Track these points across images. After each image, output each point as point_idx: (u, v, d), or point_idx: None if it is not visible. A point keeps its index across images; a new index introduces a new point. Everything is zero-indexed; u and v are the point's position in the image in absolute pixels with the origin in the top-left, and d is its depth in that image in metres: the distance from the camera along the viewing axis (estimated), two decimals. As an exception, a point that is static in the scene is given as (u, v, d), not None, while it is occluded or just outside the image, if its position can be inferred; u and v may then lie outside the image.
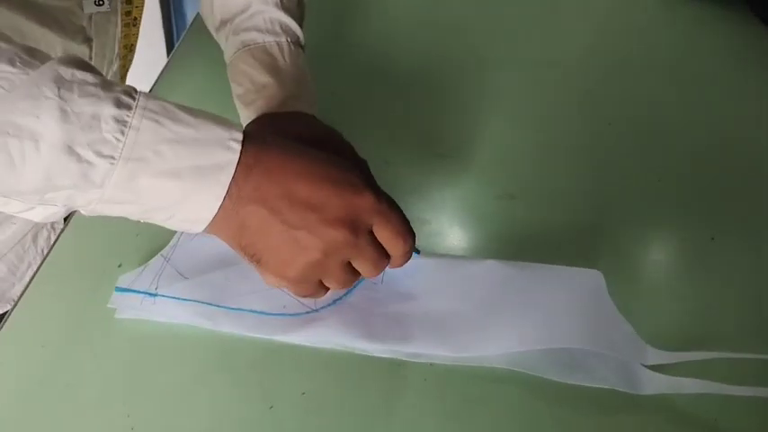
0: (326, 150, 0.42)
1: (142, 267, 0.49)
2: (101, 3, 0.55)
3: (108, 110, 0.34)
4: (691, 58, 0.77)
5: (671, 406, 0.42)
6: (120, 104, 0.35)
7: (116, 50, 0.60)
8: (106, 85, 0.35)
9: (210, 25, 0.60)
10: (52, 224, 0.67)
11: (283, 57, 0.54)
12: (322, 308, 0.47)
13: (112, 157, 0.34)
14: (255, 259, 0.39)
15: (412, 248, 0.41)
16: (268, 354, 0.45)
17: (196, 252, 0.50)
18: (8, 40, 0.35)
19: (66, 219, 0.63)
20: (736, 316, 0.48)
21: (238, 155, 0.36)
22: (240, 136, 0.37)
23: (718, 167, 0.61)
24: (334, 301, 0.47)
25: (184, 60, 0.74)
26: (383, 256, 0.40)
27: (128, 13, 0.60)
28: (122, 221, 0.38)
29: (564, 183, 0.59)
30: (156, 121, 0.35)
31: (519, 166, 0.60)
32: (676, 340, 0.45)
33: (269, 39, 0.54)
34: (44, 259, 0.51)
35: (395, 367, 0.44)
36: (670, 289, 0.50)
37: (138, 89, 0.37)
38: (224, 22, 0.57)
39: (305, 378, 0.43)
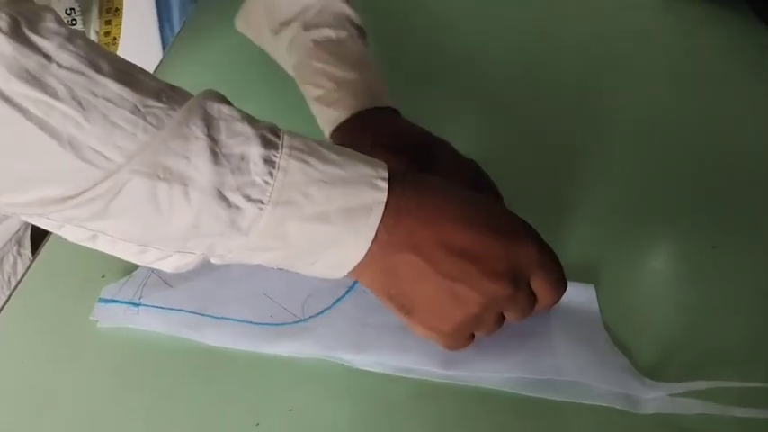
0: (427, 153, 0.41)
1: (127, 277, 0.48)
2: (73, 23, 0.53)
3: (256, 150, 0.32)
4: (690, 58, 0.76)
5: (671, 424, 0.41)
6: (267, 144, 0.32)
7: None
8: (251, 122, 0.33)
9: (263, 29, 0.57)
10: (18, 249, 0.65)
11: (358, 49, 0.52)
12: (310, 317, 0.46)
13: (261, 202, 0.32)
14: (406, 310, 0.37)
15: (558, 299, 0.39)
16: (255, 368, 0.43)
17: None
18: (149, 74, 0.33)
19: (37, 243, 0.62)
20: (739, 329, 0.46)
21: (386, 194, 0.34)
22: (386, 173, 0.34)
23: (719, 171, 0.60)
24: (324, 311, 0.46)
25: (176, 63, 0.72)
26: (534, 304, 0.38)
27: (107, 34, 0.58)
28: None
29: (561, 188, 0.57)
30: (304, 161, 0.33)
31: (515, 169, 0.59)
32: (676, 355, 0.44)
33: (342, 33, 0.52)
34: (26, 271, 0.49)
35: (387, 383, 0.43)
36: (669, 299, 0.49)
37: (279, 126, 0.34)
38: (285, 23, 0.54)
39: (293, 394, 0.42)
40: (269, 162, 0.32)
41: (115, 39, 0.60)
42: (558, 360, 0.43)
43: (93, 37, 0.57)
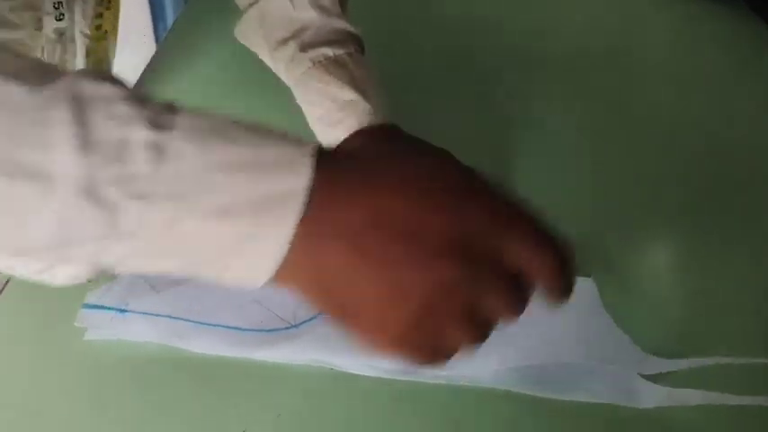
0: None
1: (112, 282, 0.47)
2: (61, 17, 0.52)
3: (139, 133, 0.26)
4: (686, 56, 0.75)
5: (673, 418, 0.40)
6: (155, 125, 0.26)
7: None
8: (139, 102, 0.27)
9: (263, 46, 0.56)
10: None
11: (358, 67, 0.51)
12: (302, 323, 0.45)
13: (146, 197, 0.26)
14: (340, 312, 0.29)
15: (564, 262, 0.30)
16: (242, 373, 0.42)
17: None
18: (21, 55, 0.29)
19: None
20: (736, 321, 0.46)
21: (307, 179, 0.27)
22: (311, 151, 0.28)
23: (715, 169, 0.59)
24: (315, 316, 0.45)
25: (168, 59, 0.71)
26: (520, 286, 0.30)
27: (98, 27, 0.57)
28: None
29: (556, 186, 0.56)
30: (203, 143, 0.27)
31: (508, 168, 0.58)
32: (676, 348, 0.43)
33: (339, 51, 0.52)
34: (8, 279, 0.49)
35: (377, 386, 0.42)
36: (667, 295, 0.48)
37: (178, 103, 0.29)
38: (282, 42, 0.53)
39: (281, 399, 0.41)
40: (156, 147, 0.26)
41: (107, 32, 0.58)
42: (557, 343, 0.42)
43: (77, 35, 0.55)
